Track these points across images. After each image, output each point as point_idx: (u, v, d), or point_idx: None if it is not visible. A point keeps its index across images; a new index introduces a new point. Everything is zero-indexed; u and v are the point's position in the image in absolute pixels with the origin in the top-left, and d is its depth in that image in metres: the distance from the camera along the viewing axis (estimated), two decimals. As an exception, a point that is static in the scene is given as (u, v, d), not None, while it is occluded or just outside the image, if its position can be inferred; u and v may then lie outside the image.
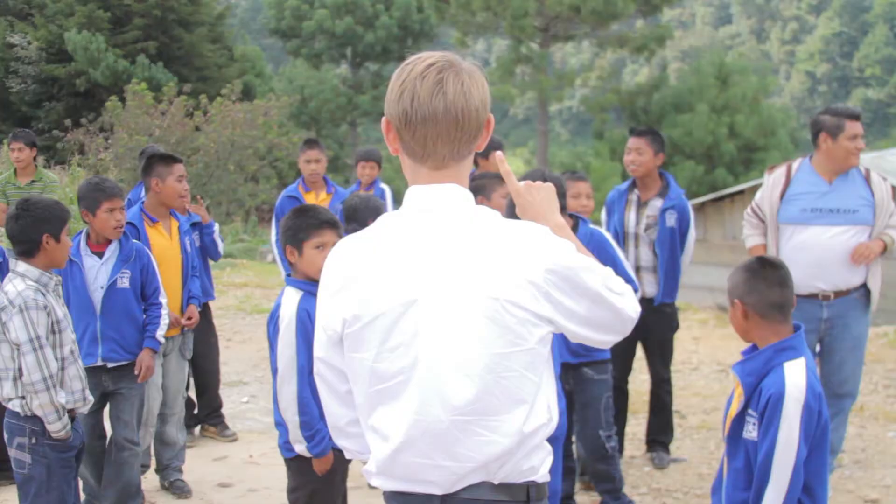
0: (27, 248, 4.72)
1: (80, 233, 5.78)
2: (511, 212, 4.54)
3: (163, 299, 5.98)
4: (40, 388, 4.57)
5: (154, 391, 6.25)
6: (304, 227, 4.57)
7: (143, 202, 6.58)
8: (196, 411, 7.92)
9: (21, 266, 4.70)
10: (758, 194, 6.57)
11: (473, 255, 2.44)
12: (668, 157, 33.38)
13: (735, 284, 3.88)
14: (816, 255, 6.18)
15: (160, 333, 5.89)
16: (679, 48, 76.21)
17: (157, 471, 6.64)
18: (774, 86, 48.37)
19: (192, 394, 7.93)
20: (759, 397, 3.70)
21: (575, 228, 5.81)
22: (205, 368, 7.79)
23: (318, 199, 8.60)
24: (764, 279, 3.86)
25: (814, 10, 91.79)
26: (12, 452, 4.74)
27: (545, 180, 3.33)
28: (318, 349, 2.67)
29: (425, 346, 2.45)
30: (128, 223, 6.03)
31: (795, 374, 3.69)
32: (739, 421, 3.79)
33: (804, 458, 3.65)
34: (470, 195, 2.56)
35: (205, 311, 7.38)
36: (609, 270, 2.62)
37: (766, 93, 38.84)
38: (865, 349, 6.55)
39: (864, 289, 6.34)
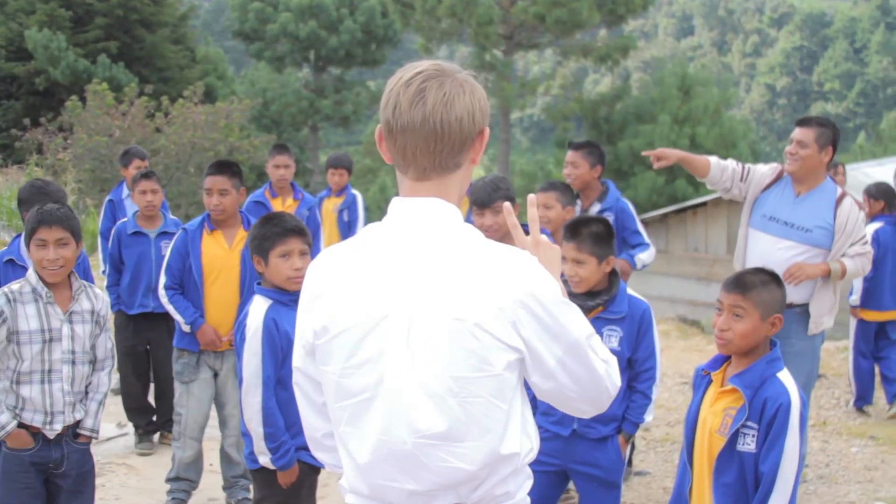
0: None
1: (19, 236, 5.74)
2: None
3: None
4: None
5: (193, 402, 6.23)
6: (268, 236, 4.51)
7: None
8: (155, 418, 7.78)
9: (29, 271, 4.65)
10: (759, 167, 6.43)
11: (444, 273, 2.34)
12: (629, 168, 33.61)
13: (777, 300, 3.84)
14: (762, 264, 6.02)
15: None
16: (641, 58, 76.56)
17: (224, 488, 6.54)
18: (735, 98, 48.66)
19: (151, 399, 7.86)
20: (764, 408, 3.65)
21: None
22: (162, 375, 7.62)
23: (284, 205, 8.51)
24: (783, 289, 3.90)
25: (775, 24, 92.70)
26: None
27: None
28: (296, 359, 2.60)
29: (391, 364, 2.37)
30: (177, 231, 6.34)
31: (791, 385, 3.71)
32: (734, 435, 3.73)
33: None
34: (453, 210, 2.45)
35: (165, 318, 7.18)
36: (596, 336, 2.47)
37: (727, 105, 38.97)
38: (812, 369, 6.37)
39: (808, 308, 6.17)
